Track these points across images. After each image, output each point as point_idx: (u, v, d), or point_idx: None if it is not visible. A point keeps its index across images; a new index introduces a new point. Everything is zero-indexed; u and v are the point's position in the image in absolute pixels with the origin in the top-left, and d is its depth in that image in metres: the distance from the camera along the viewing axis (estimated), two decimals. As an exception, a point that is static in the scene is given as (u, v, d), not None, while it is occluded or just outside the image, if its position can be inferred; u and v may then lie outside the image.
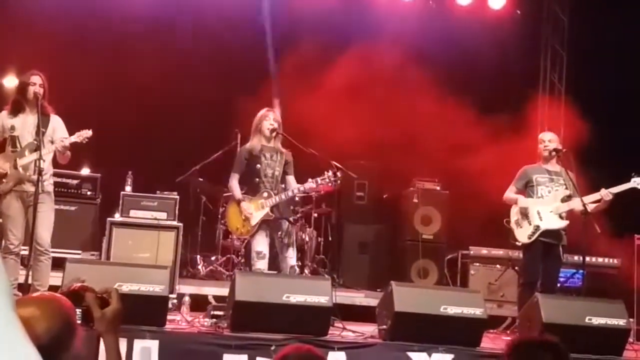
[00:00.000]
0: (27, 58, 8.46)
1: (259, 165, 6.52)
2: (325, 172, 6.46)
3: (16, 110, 6.10)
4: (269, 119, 6.57)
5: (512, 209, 6.81)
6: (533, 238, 6.59)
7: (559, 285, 8.25)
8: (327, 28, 9.42)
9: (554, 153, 6.79)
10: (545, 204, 6.63)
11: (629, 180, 6.47)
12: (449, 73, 9.66)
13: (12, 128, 6.05)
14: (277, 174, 6.59)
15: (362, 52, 9.43)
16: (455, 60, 9.82)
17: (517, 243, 6.91)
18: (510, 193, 6.86)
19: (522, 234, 6.69)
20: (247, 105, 9.26)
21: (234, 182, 6.62)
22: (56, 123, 6.23)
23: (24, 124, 6.09)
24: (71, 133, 6.29)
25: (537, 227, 6.58)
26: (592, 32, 9.88)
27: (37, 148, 5.90)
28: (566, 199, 6.61)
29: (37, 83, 6.06)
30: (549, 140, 6.85)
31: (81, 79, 8.61)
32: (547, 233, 6.57)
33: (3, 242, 6.07)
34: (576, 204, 6.51)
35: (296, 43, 9.05)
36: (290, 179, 6.65)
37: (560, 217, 6.60)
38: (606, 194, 6.40)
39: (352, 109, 9.28)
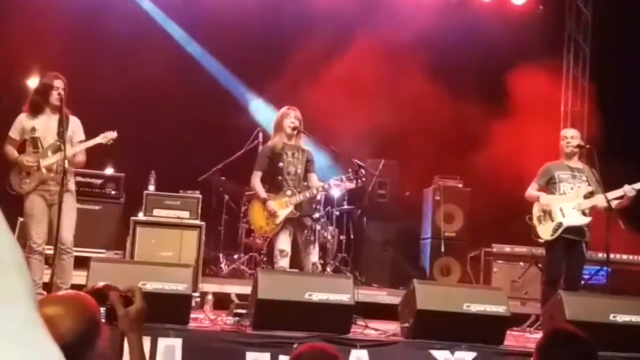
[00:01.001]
0: (48, 58, 8.58)
1: (281, 164, 6.53)
2: (349, 170, 6.47)
3: (36, 112, 6.13)
4: (290, 117, 6.57)
5: (535, 206, 6.77)
6: (556, 235, 6.55)
7: (582, 282, 8.20)
8: (348, 26, 9.42)
9: (576, 150, 6.74)
10: (568, 200, 6.58)
11: None
12: (470, 70, 9.64)
13: (33, 129, 6.09)
14: (300, 171, 6.60)
15: (383, 50, 9.43)
16: (477, 58, 9.78)
17: (539, 240, 6.85)
18: (532, 190, 6.82)
19: (545, 231, 6.65)
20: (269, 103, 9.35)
21: (257, 181, 6.62)
22: (75, 125, 6.28)
23: (46, 126, 6.13)
24: (95, 133, 6.35)
25: (559, 224, 6.54)
26: (615, 26, 9.79)
27: (59, 149, 5.97)
28: (589, 195, 6.56)
29: (60, 87, 6.10)
30: (571, 137, 6.79)
31: (103, 79, 8.72)
32: (570, 229, 6.53)
33: (27, 241, 6.10)
34: (599, 200, 6.47)
35: (314, 40, 9.06)
36: (313, 176, 6.66)
37: (583, 213, 6.55)
38: (629, 189, 6.34)
39: (373, 106, 9.28)
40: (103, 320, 2.24)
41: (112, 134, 6.25)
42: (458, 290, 6.21)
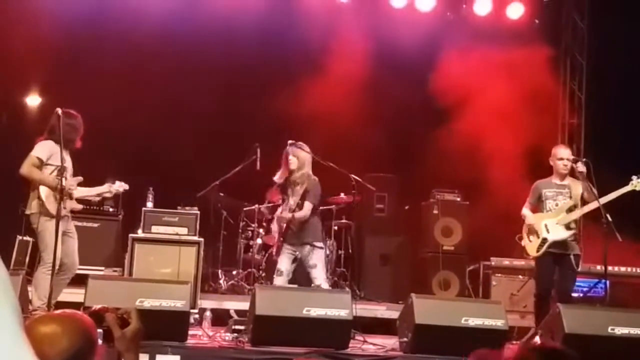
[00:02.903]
0: (46, 76, 8.63)
1: (285, 196, 6.85)
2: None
3: (67, 145, 6.23)
4: (287, 155, 6.80)
5: (524, 225, 6.92)
6: (542, 251, 6.70)
7: (582, 295, 8.22)
8: (345, 40, 9.46)
9: (568, 171, 6.83)
10: (551, 216, 6.73)
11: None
12: (467, 83, 9.65)
13: (64, 160, 6.17)
14: (299, 203, 6.80)
15: (379, 63, 9.48)
16: (474, 71, 9.81)
17: (528, 257, 7.01)
18: (525, 209, 6.99)
19: (532, 248, 6.81)
20: (266, 119, 9.38)
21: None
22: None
23: (69, 159, 6.30)
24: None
25: (544, 240, 6.69)
26: (611, 39, 9.84)
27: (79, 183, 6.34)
28: (572, 209, 6.68)
29: None
30: (567, 158, 6.83)
31: (101, 97, 8.73)
32: (556, 244, 6.66)
33: (41, 258, 6.18)
34: (582, 211, 6.65)
35: (313, 56, 9.12)
36: (306, 204, 6.79)
37: (567, 227, 6.66)
38: (612, 198, 6.53)
39: (370, 122, 9.31)
40: (100, 341, 2.25)
41: (125, 186, 6.65)
42: (456, 304, 6.22)
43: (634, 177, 6.53)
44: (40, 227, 6.17)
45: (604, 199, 6.54)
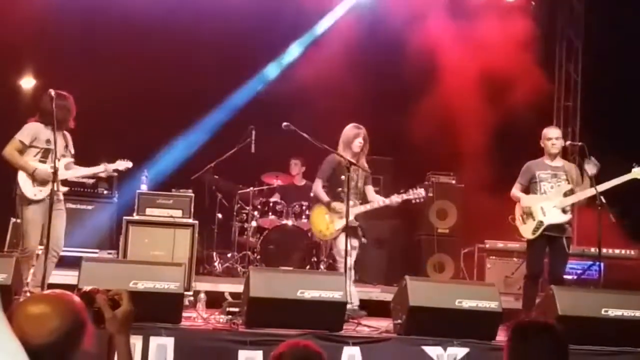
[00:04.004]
0: (42, 58, 8.58)
1: (343, 177, 6.67)
2: (412, 189, 6.80)
3: (57, 126, 6.12)
4: (359, 137, 6.78)
5: (517, 207, 6.88)
6: (537, 233, 6.66)
7: (575, 277, 8.24)
8: (344, 26, 9.43)
9: (560, 150, 6.80)
10: (548, 199, 6.67)
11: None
12: (463, 66, 9.63)
13: (49, 141, 6.15)
14: (360, 185, 6.86)
15: (376, 48, 9.45)
16: (470, 54, 9.78)
17: (522, 239, 6.95)
18: (515, 190, 6.90)
19: (526, 230, 6.75)
20: (261, 102, 9.35)
21: (319, 187, 6.87)
22: (69, 140, 6.44)
23: (59, 141, 6.21)
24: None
25: (540, 223, 6.64)
26: (607, 21, 9.80)
27: (68, 165, 6.30)
28: (569, 193, 6.66)
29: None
30: (556, 138, 6.80)
31: (96, 80, 8.70)
32: (551, 227, 6.63)
33: (25, 245, 6.16)
34: (580, 197, 6.60)
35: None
36: (369, 188, 6.96)
37: (564, 211, 6.64)
38: (610, 186, 6.51)
39: (366, 104, 9.29)
40: (90, 321, 2.24)
41: (128, 164, 6.62)
42: (450, 286, 6.22)
43: (635, 165, 6.49)
44: (20, 211, 6.23)
45: (604, 186, 6.49)
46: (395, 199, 6.83)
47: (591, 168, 6.50)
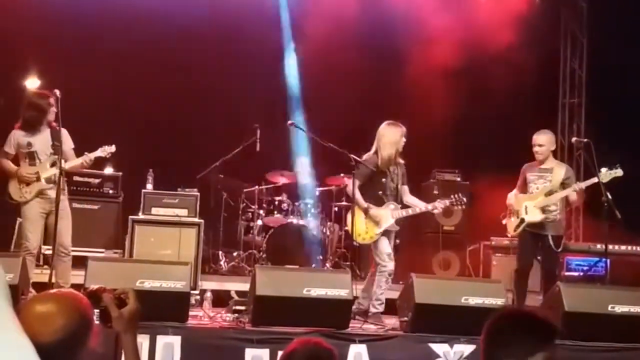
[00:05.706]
0: (46, 59, 8.58)
1: (384, 179, 6.62)
2: (454, 195, 6.77)
3: (32, 128, 6.32)
4: (404, 135, 6.66)
5: (507, 204, 7.10)
6: (519, 230, 6.88)
7: (582, 274, 8.25)
8: (346, 19, 9.41)
9: (546, 156, 6.91)
10: (532, 199, 6.86)
11: None
12: (468, 62, 9.61)
13: (29, 145, 6.32)
14: (398, 186, 6.73)
15: (381, 43, 9.43)
16: (475, 49, 9.76)
17: (508, 235, 7.24)
18: (514, 190, 7.10)
19: (511, 226, 7.00)
20: (266, 101, 9.35)
21: (357, 191, 6.61)
22: (65, 136, 6.46)
23: (42, 140, 6.36)
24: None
25: (522, 220, 6.86)
26: (612, 17, 9.77)
27: (55, 162, 6.24)
28: (548, 193, 6.80)
29: (54, 105, 6.27)
30: (538, 145, 6.86)
31: (101, 79, 8.71)
32: (532, 225, 6.82)
33: (22, 242, 6.32)
34: (557, 198, 6.75)
35: (314, 33, 9.07)
36: (405, 188, 6.80)
37: (542, 210, 6.78)
38: (579, 188, 6.71)
39: (371, 101, 9.28)
40: (96, 321, 2.25)
41: (111, 148, 6.49)
42: (456, 283, 6.22)
43: (603, 169, 6.58)
44: (19, 212, 6.43)
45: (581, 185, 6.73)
46: (439, 205, 6.71)
47: (606, 175, 6.55)
